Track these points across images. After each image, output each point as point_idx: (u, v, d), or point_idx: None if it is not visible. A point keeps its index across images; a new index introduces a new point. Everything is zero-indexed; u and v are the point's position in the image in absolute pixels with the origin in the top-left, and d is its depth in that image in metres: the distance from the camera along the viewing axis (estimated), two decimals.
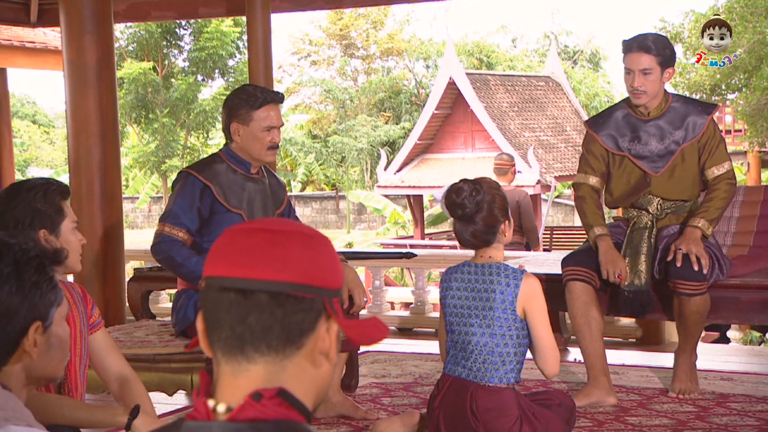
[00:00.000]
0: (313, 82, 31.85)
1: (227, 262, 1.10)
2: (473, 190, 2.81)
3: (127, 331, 3.67)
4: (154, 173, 23.45)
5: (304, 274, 1.09)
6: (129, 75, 20.72)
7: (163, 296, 6.99)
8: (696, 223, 3.56)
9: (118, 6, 7.00)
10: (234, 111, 3.33)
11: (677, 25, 17.82)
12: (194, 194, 3.29)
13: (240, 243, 1.10)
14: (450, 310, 2.91)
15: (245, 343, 1.08)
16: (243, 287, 1.08)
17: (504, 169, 7.25)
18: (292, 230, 1.11)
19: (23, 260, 1.52)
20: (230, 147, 3.42)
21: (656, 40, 3.68)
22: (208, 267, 1.12)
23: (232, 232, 1.12)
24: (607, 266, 3.63)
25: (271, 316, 1.08)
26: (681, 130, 3.70)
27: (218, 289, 1.10)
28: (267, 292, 1.08)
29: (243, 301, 1.08)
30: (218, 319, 1.09)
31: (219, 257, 1.11)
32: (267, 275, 1.08)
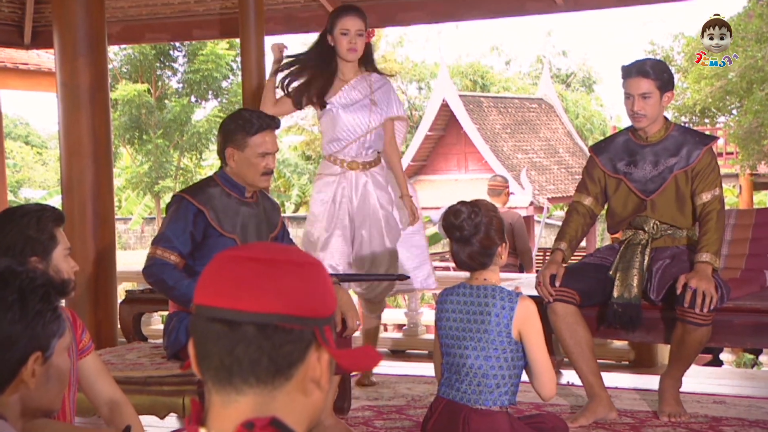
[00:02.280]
0: None
1: (215, 292, 1.08)
2: (471, 212, 2.81)
3: (118, 354, 3.65)
4: (147, 194, 23.40)
5: (293, 305, 1.07)
6: (123, 96, 20.74)
7: (155, 318, 6.96)
8: (704, 258, 3.57)
9: (112, 28, 7.02)
10: (230, 136, 3.33)
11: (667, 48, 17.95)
12: (187, 218, 3.28)
13: (228, 272, 1.08)
14: (445, 332, 2.90)
15: (234, 375, 1.07)
16: (230, 318, 1.06)
17: (498, 191, 7.26)
18: (281, 259, 1.10)
19: (29, 289, 1.50)
20: (225, 171, 3.41)
21: (654, 65, 3.73)
22: (198, 294, 1.10)
23: (221, 260, 1.11)
24: (543, 271, 3.70)
25: (258, 348, 1.06)
26: (675, 158, 3.74)
27: (206, 319, 1.08)
28: (254, 324, 1.06)
29: (230, 333, 1.06)
30: (207, 349, 1.08)
31: (207, 285, 1.09)
32: (254, 307, 1.06)
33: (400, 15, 6.62)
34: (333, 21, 4.40)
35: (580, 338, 3.65)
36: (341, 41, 4.37)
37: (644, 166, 3.80)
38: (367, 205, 4.43)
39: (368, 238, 4.40)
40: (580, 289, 3.70)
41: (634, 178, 3.81)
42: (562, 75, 34.35)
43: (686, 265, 3.67)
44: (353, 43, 4.36)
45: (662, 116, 3.81)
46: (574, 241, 3.90)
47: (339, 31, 4.36)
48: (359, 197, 4.41)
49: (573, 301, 3.67)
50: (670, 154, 3.76)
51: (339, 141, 4.39)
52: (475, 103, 19.42)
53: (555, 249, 3.87)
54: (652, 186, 3.78)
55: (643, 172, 3.80)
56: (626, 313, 3.67)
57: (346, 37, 4.36)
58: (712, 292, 3.46)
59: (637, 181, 3.80)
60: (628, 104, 3.75)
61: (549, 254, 4.00)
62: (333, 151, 4.42)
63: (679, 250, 3.78)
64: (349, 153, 4.40)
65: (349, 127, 4.38)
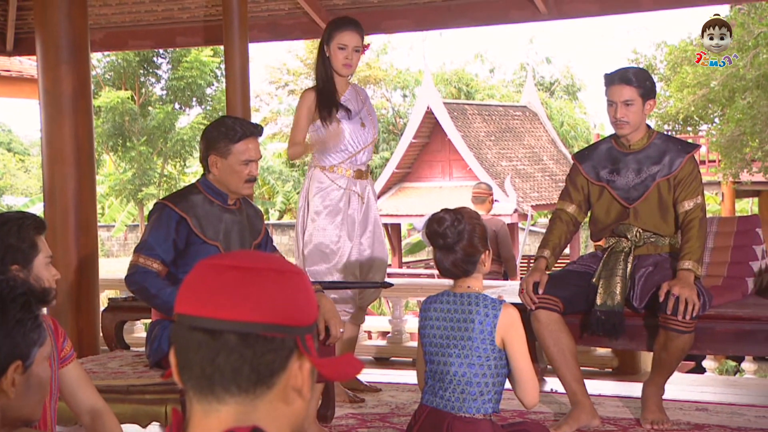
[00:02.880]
0: (290, 110, 31.91)
1: (196, 300, 1.08)
2: (455, 219, 2.82)
3: (101, 362, 3.63)
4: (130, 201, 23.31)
5: (275, 314, 1.07)
6: (106, 103, 20.66)
7: (137, 326, 6.93)
8: (686, 266, 3.59)
9: (95, 35, 7.00)
10: (212, 143, 3.32)
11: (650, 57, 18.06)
12: (170, 226, 3.27)
13: (209, 280, 1.08)
14: (428, 340, 2.90)
15: (215, 384, 1.06)
16: (211, 327, 1.06)
17: (482, 198, 7.28)
18: (262, 267, 1.09)
19: (9, 297, 1.49)
20: (207, 178, 3.41)
21: (637, 72, 3.76)
22: (179, 303, 1.10)
23: (202, 268, 1.10)
24: (526, 279, 3.72)
25: (240, 357, 1.06)
26: (658, 166, 3.77)
27: (187, 328, 1.08)
28: (236, 333, 1.06)
29: (211, 342, 1.06)
30: (188, 358, 1.08)
31: (188, 294, 1.09)
32: (235, 315, 1.06)
33: (386, 23, 6.63)
34: (331, 33, 4.37)
35: (564, 345, 3.66)
36: (337, 55, 4.35)
37: (627, 173, 3.82)
38: (370, 213, 4.47)
39: (368, 246, 4.42)
40: (564, 296, 3.71)
41: (617, 185, 3.83)
42: (545, 83, 34.49)
43: (669, 272, 3.69)
44: (349, 59, 4.35)
45: (645, 124, 3.83)
46: (558, 248, 3.91)
47: (336, 44, 4.34)
48: (364, 206, 4.43)
49: (556, 309, 3.68)
50: (652, 161, 3.79)
51: (343, 152, 4.37)
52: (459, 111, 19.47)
53: (538, 256, 3.88)
54: (634, 194, 3.80)
55: (625, 180, 3.82)
56: (609, 321, 3.68)
57: (342, 52, 4.34)
58: (695, 299, 3.47)
59: (620, 189, 3.82)
60: (611, 111, 3.77)
61: (533, 261, 4.01)
62: (336, 163, 4.38)
63: (661, 258, 3.80)
64: (354, 163, 4.40)
65: (354, 138, 4.37)
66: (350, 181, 4.39)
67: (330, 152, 4.37)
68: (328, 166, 4.40)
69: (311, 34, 7.03)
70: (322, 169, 4.41)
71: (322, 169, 4.41)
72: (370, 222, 4.47)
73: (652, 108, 3.81)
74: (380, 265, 4.48)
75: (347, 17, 4.48)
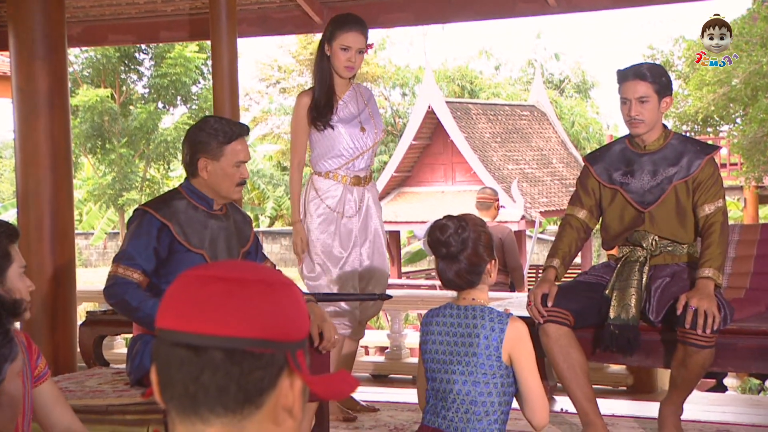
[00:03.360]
0: (282, 110, 31.95)
1: (178, 314, 1.07)
2: (459, 227, 2.82)
3: (78, 380, 3.62)
4: (110, 207, 23.33)
5: (263, 328, 1.07)
6: (84, 102, 20.69)
7: (117, 341, 6.93)
8: (706, 273, 3.58)
9: (73, 29, 7.00)
10: (202, 146, 3.32)
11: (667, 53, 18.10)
12: (151, 233, 3.27)
13: (193, 293, 1.07)
14: (430, 356, 2.90)
15: (199, 404, 1.06)
16: (195, 343, 1.06)
17: (487, 204, 7.28)
18: (250, 278, 1.09)
19: None
20: (191, 182, 3.41)
21: (652, 68, 3.78)
22: (160, 316, 1.09)
23: (185, 280, 1.10)
24: (534, 290, 3.71)
25: (226, 375, 1.06)
26: (675, 167, 3.77)
27: (169, 344, 1.07)
28: (221, 349, 1.05)
29: (195, 359, 1.06)
30: (170, 376, 1.07)
31: (170, 307, 1.08)
32: (221, 330, 1.05)
33: (383, 16, 6.65)
34: (333, 31, 4.34)
35: (574, 362, 3.65)
36: (339, 56, 4.32)
37: (642, 176, 3.82)
38: (370, 222, 4.47)
39: (367, 257, 4.42)
40: (574, 309, 3.71)
41: (631, 188, 3.83)
42: (555, 80, 34.56)
43: (687, 283, 3.69)
44: (352, 62, 4.33)
45: (661, 123, 3.84)
46: (568, 257, 3.91)
47: (339, 45, 4.31)
48: (363, 214, 4.43)
49: (566, 323, 3.68)
50: (669, 163, 3.79)
51: (340, 158, 4.37)
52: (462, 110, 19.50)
53: (547, 266, 3.88)
54: (650, 197, 3.80)
55: (640, 183, 3.82)
56: (623, 335, 3.68)
57: (345, 54, 4.31)
58: (715, 312, 3.47)
59: (634, 192, 3.82)
60: (625, 109, 3.78)
61: (541, 272, 4.01)
62: (333, 168, 4.38)
63: (679, 268, 3.80)
64: (351, 169, 4.39)
65: (352, 143, 4.36)
66: (346, 189, 4.39)
67: (322, 157, 4.37)
68: (323, 171, 4.40)
69: (304, 28, 7.05)
70: (318, 174, 4.41)
71: (318, 174, 4.41)
72: (369, 231, 4.46)
73: (669, 106, 3.81)
74: (380, 277, 4.48)
75: (352, 15, 4.44)
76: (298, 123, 4.39)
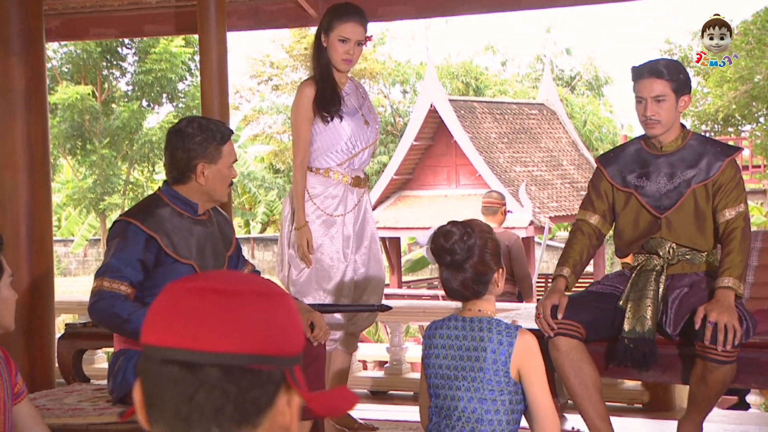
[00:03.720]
0: (275, 109, 31.96)
1: (170, 330, 1.06)
2: (464, 233, 2.82)
3: (56, 398, 3.62)
4: (91, 212, 23.33)
5: (262, 343, 1.07)
6: (64, 100, 20.71)
7: (99, 356, 6.92)
8: (726, 283, 3.58)
9: (51, 22, 7.01)
10: (200, 150, 3.34)
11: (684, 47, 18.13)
12: (137, 245, 3.26)
13: (185, 306, 1.07)
14: (433, 371, 2.90)
15: (192, 425, 1.05)
16: (190, 360, 1.05)
17: (493, 209, 7.29)
18: (244, 290, 1.09)
19: None
20: (175, 188, 3.40)
21: (669, 64, 3.78)
22: (147, 332, 1.09)
23: (175, 292, 1.09)
24: (543, 302, 3.71)
25: (223, 394, 1.05)
26: (693, 170, 3.77)
27: (160, 362, 1.06)
28: (218, 367, 1.05)
29: (190, 377, 1.05)
30: (160, 396, 1.07)
31: (160, 322, 1.08)
32: (218, 346, 1.05)
33: (383, 9, 6.65)
34: (331, 22, 4.33)
35: (586, 377, 3.65)
36: (336, 48, 4.31)
37: (658, 178, 3.82)
38: (366, 227, 4.48)
39: (362, 264, 4.42)
40: (586, 321, 3.70)
41: (647, 192, 3.83)
42: (565, 77, 34.60)
43: (706, 294, 3.69)
44: (350, 54, 4.32)
45: (678, 123, 3.84)
46: (579, 265, 3.91)
47: (336, 36, 4.30)
48: (360, 219, 4.43)
49: (577, 336, 3.67)
50: (687, 165, 3.79)
51: (342, 153, 4.35)
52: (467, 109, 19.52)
53: (557, 275, 3.88)
54: (666, 201, 3.80)
55: (656, 186, 3.82)
56: (639, 349, 3.67)
57: (343, 46, 4.30)
58: (736, 324, 3.47)
59: (650, 196, 3.82)
60: (640, 109, 3.78)
61: (551, 281, 4.01)
62: (332, 165, 4.36)
63: (698, 278, 3.80)
64: (352, 167, 4.39)
65: (357, 137, 4.36)
66: (347, 189, 4.38)
67: (324, 152, 4.35)
68: (323, 168, 4.39)
69: (298, 21, 7.06)
70: (316, 171, 4.39)
71: (316, 171, 4.39)
72: (366, 237, 4.46)
73: (687, 105, 3.81)
74: (376, 286, 4.48)
75: (350, 4, 4.43)
76: (302, 115, 4.35)
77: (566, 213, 18.53)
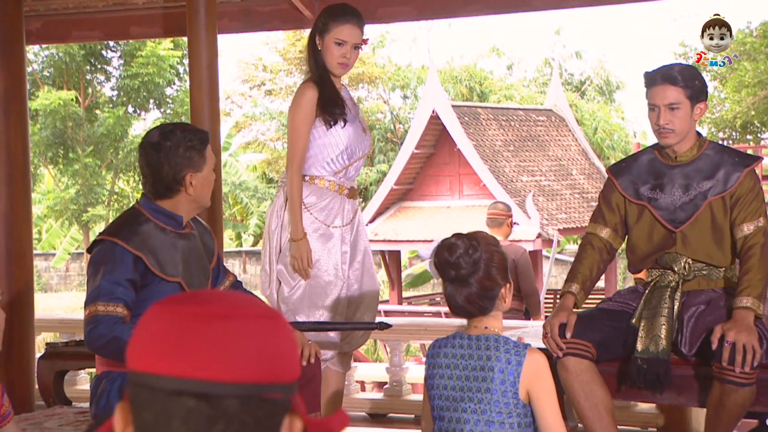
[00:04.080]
0: (268, 115, 32.02)
1: (181, 359, 1.05)
2: (469, 246, 2.82)
3: (36, 421, 3.62)
4: (73, 224, 23.33)
5: (274, 371, 1.07)
6: (45, 106, 20.73)
7: (81, 377, 6.90)
8: (745, 303, 3.57)
9: (32, 24, 7.02)
10: (187, 161, 3.34)
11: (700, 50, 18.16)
12: (126, 264, 3.24)
13: (192, 332, 1.06)
14: (437, 392, 2.90)
15: None
16: (207, 392, 1.04)
17: (499, 221, 7.28)
18: (250, 314, 1.08)
19: None
20: (156, 202, 3.40)
21: (683, 70, 3.77)
22: (147, 360, 1.07)
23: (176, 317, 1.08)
24: (551, 320, 3.71)
25: (242, 426, 1.05)
26: (710, 181, 3.77)
27: (169, 393, 1.05)
28: (238, 397, 1.05)
29: (208, 411, 1.04)
30: (166, 428, 1.05)
31: (167, 350, 1.06)
32: (235, 376, 1.05)
33: (382, 10, 6.66)
34: (326, 23, 4.33)
35: (597, 400, 3.64)
36: (332, 52, 4.30)
37: (672, 190, 3.82)
38: (360, 241, 4.48)
39: (356, 280, 4.42)
40: (596, 340, 3.70)
41: (660, 204, 3.83)
42: (575, 81, 34.68)
43: (724, 312, 3.68)
44: (347, 58, 4.32)
45: (694, 131, 3.84)
46: (588, 281, 3.91)
47: (332, 39, 4.29)
48: (354, 232, 4.43)
49: (588, 356, 3.67)
50: (703, 176, 3.79)
51: (337, 161, 4.34)
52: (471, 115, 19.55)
53: (565, 292, 3.88)
54: (681, 215, 3.80)
55: (671, 198, 3.82)
56: (652, 370, 3.67)
57: (339, 49, 4.30)
58: (755, 344, 3.47)
59: (664, 209, 3.82)
60: (653, 117, 3.78)
61: (559, 298, 4.01)
62: (325, 174, 4.35)
63: (715, 295, 3.80)
64: (346, 177, 4.39)
65: (355, 144, 4.36)
66: (343, 200, 4.38)
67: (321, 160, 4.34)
68: (317, 177, 4.38)
69: (292, 23, 7.08)
70: (310, 180, 4.38)
71: (310, 180, 4.38)
72: (359, 251, 4.46)
73: (703, 113, 3.81)
74: (370, 302, 4.47)
75: (347, 5, 4.43)
76: (303, 119, 4.31)
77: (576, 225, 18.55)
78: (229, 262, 27.30)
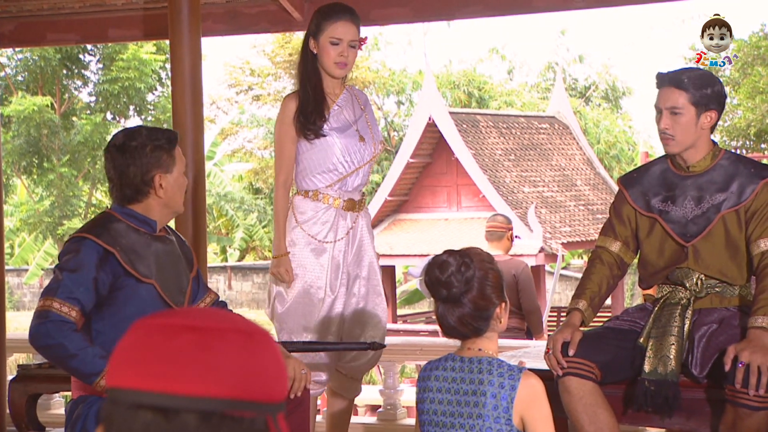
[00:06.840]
0: (255, 121, 32.04)
1: (140, 371, 1.06)
2: (461, 264, 2.82)
3: None
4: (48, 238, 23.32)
5: (244, 387, 1.07)
6: (18, 112, 20.74)
7: (56, 401, 6.89)
8: (760, 323, 3.57)
9: (4, 26, 7.02)
10: (155, 161, 3.37)
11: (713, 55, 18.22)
12: (90, 262, 3.25)
13: (157, 345, 1.07)
14: (428, 417, 2.90)
15: None
16: (164, 405, 1.05)
17: (499, 234, 7.29)
18: (224, 327, 1.09)
19: None
20: (128, 207, 3.41)
21: (694, 75, 3.77)
22: (114, 374, 1.09)
23: (146, 329, 1.09)
24: (554, 336, 3.71)
25: None
26: (724, 193, 3.77)
27: (129, 406, 1.06)
28: (197, 412, 1.05)
29: (164, 424, 1.05)
30: None
31: (129, 363, 1.08)
32: (196, 390, 1.05)
33: (376, 11, 6.67)
34: (320, 24, 4.37)
35: (603, 425, 3.64)
36: (328, 52, 4.35)
37: (684, 202, 3.82)
38: (364, 256, 4.49)
39: (361, 297, 4.43)
40: (601, 360, 3.70)
41: (672, 217, 3.83)
42: (579, 87, 34.76)
43: (737, 331, 3.68)
44: (344, 57, 4.36)
45: (706, 140, 3.83)
46: (597, 298, 3.90)
47: (327, 38, 4.33)
48: (356, 246, 4.43)
49: (591, 377, 3.66)
50: (717, 188, 3.79)
51: (332, 173, 4.36)
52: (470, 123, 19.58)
53: (572, 309, 3.88)
54: (693, 228, 3.79)
55: (683, 211, 3.82)
56: (660, 393, 3.67)
57: (335, 48, 4.34)
58: None
59: (675, 222, 3.82)
60: (657, 120, 3.80)
61: (564, 315, 4.00)
62: (322, 187, 4.38)
63: (729, 313, 3.79)
64: (344, 188, 4.40)
65: (348, 155, 4.37)
66: (338, 214, 4.39)
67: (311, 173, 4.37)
68: (311, 190, 4.40)
69: (281, 25, 7.07)
70: (305, 194, 4.40)
71: (305, 194, 4.40)
72: (363, 266, 4.46)
73: (712, 122, 3.79)
74: (377, 323, 4.46)
75: (340, 4, 4.47)
76: (285, 132, 4.40)
77: (580, 238, 18.56)
78: (214, 278, 27.29)
